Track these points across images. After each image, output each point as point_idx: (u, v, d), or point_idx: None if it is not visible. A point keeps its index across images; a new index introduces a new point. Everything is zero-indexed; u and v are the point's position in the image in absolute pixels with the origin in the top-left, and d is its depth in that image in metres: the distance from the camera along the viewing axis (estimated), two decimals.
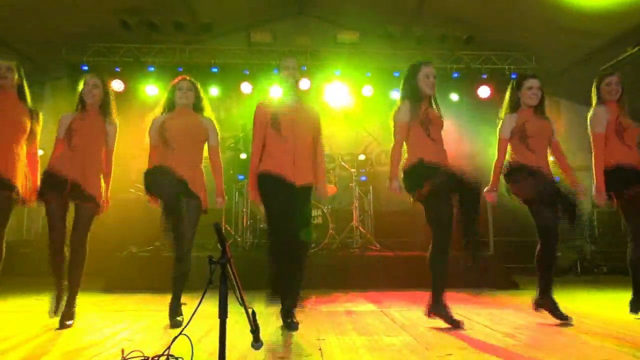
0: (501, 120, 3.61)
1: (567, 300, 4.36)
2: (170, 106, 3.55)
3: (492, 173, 3.55)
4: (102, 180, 3.46)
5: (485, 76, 7.78)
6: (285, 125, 3.35)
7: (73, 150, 3.36)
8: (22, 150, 3.33)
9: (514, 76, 7.64)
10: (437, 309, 3.29)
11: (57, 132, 3.47)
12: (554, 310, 3.36)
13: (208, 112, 3.61)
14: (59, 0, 6.29)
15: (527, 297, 3.63)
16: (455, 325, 3.15)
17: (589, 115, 3.65)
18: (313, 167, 3.48)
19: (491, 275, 5.56)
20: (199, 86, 3.61)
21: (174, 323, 3.22)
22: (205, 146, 3.58)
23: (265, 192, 3.33)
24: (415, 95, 3.44)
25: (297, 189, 3.31)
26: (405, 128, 3.40)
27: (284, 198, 3.26)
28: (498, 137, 3.57)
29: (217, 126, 3.58)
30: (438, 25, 7.37)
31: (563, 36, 6.92)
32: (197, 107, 3.57)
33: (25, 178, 3.31)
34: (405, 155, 3.43)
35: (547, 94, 3.70)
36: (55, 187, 3.27)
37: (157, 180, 3.26)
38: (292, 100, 3.50)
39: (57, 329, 3.08)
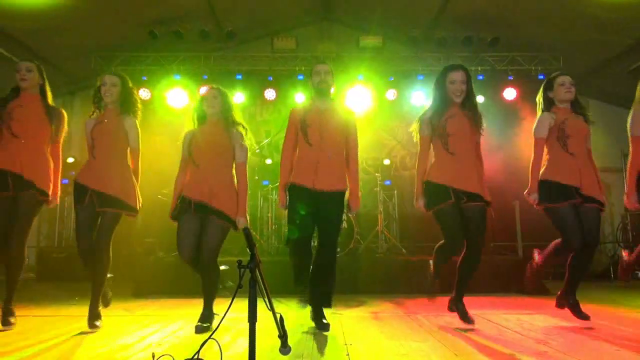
0: (538, 119, 3.49)
1: (601, 305, 4.25)
2: (201, 118, 3.47)
3: (530, 175, 3.44)
4: (133, 182, 3.44)
5: (511, 78, 7.66)
6: (312, 130, 3.36)
7: (95, 157, 3.37)
8: (45, 150, 3.42)
9: (541, 77, 7.53)
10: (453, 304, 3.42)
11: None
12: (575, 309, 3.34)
13: (238, 118, 3.48)
14: (89, 12, 6.46)
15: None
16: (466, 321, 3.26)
17: (629, 116, 3.40)
18: (346, 174, 3.45)
19: (520, 280, 5.45)
20: (226, 93, 3.49)
21: (199, 328, 3.18)
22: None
23: (290, 202, 3.38)
24: (440, 104, 3.36)
25: (319, 195, 3.29)
26: (427, 141, 3.39)
27: (305, 209, 3.29)
28: (534, 137, 3.43)
29: (246, 141, 3.44)
30: (462, 27, 7.30)
31: (591, 35, 6.77)
32: (226, 116, 3.43)
33: (49, 178, 3.40)
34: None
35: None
36: (80, 198, 3.31)
37: (179, 226, 3.29)
38: (322, 105, 3.46)
39: (89, 330, 3.18)
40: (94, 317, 3.28)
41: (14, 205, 3.30)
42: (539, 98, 3.60)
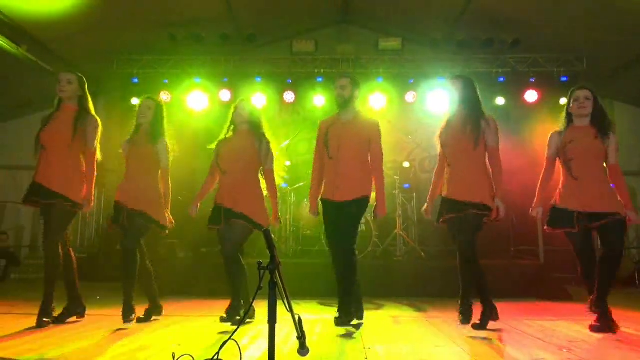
0: (548, 139, 3.54)
1: (627, 311, 4.16)
2: (231, 129, 3.77)
3: (537, 191, 3.51)
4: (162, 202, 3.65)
5: (532, 80, 7.54)
6: (332, 143, 3.55)
7: (128, 179, 3.62)
8: (77, 160, 3.53)
9: (563, 79, 7.40)
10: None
11: None
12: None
13: (264, 133, 3.75)
14: (111, 16, 6.58)
15: (581, 309, 3.47)
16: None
17: None
18: (367, 182, 3.59)
19: (541, 286, 5.36)
20: (255, 107, 3.85)
21: (222, 319, 3.38)
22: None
23: (322, 214, 3.67)
24: (450, 116, 3.54)
25: (339, 205, 3.50)
26: (441, 154, 3.59)
27: (329, 218, 3.57)
28: (545, 157, 3.54)
29: (272, 148, 3.72)
30: (483, 28, 7.22)
31: (616, 35, 6.63)
32: (253, 126, 3.72)
33: (77, 186, 3.49)
34: None
35: (600, 96, 3.52)
36: (118, 219, 3.57)
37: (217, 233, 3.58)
38: (345, 117, 3.63)
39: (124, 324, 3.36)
40: (129, 313, 3.44)
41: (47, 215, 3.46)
42: (563, 113, 3.58)
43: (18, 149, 7.38)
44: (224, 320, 3.36)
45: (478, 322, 3.34)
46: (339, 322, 3.41)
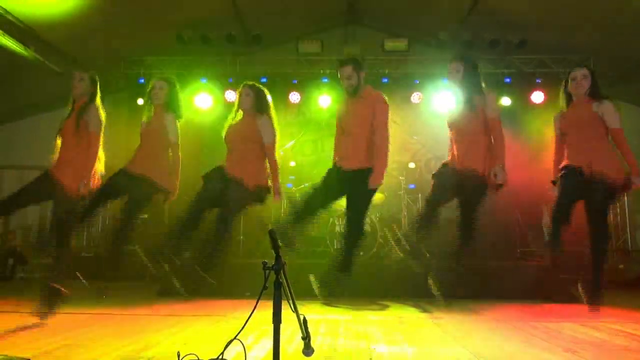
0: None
1: (635, 313, 4.13)
2: (237, 112, 3.98)
3: (553, 168, 3.77)
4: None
5: (539, 81, 7.51)
6: (343, 120, 3.91)
7: (136, 152, 3.78)
8: (80, 148, 3.60)
9: None
10: None
11: None
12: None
13: (271, 111, 3.94)
14: (120, 17, 6.62)
15: (587, 310, 3.45)
16: None
17: None
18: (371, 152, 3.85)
19: (547, 287, 5.32)
20: (259, 88, 3.95)
21: None
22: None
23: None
24: (457, 99, 3.87)
25: (343, 173, 3.79)
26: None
27: (327, 183, 3.86)
28: None
29: (274, 125, 3.90)
30: (489, 29, 7.20)
31: (624, 36, 6.59)
32: (258, 107, 3.89)
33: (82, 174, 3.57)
34: None
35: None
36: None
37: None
38: (351, 99, 3.93)
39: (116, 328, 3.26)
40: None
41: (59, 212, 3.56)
42: (560, 94, 3.72)
43: (26, 149, 7.44)
44: None
45: None
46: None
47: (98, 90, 3.76)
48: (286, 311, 1.95)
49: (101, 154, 3.67)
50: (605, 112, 3.51)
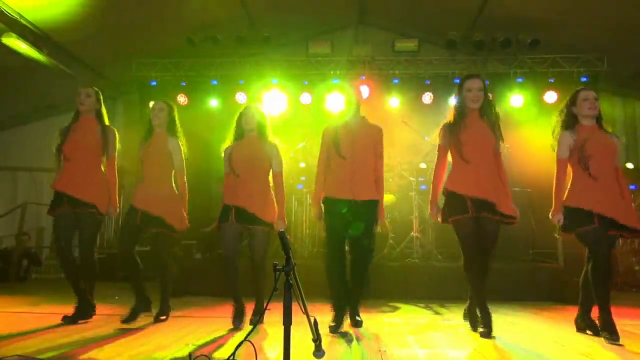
0: (557, 139, 3.40)
1: None
2: (239, 135, 3.73)
3: (553, 197, 3.34)
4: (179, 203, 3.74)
5: (552, 80, 7.43)
6: (344, 146, 3.50)
7: (144, 182, 3.72)
8: (100, 169, 3.72)
9: (584, 79, 7.28)
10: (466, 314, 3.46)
11: None
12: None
13: (271, 137, 3.75)
14: (131, 20, 6.67)
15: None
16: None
17: None
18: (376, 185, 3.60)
19: (561, 289, 5.26)
20: (262, 112, 3.76)
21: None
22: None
23: (326, 213, 3.56)
24: (459, 112, 3.40)
25: (357, 204, 3.45)
26: (443, 151, 3.45)
27: (341, 216, 3.46)
28: (556, 159, 3.36)
29: (280, 153, 3.72)
30: (500, 29, 7.13)
31: (637, 36, 6.49)
32: (261, 132, 3.71)
33: (103, 193, 3.68)
34: None
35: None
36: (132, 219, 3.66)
37: (222, 230, 3.58)
38: (353, 122, 3.62)
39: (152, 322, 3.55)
40: (162, 313, 3.72)
41: (76, 222, 3.63)
42: (561, 113, 3.49)
43: (39, 151, 7.50)
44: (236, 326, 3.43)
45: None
46: (361, 323, 3.53)
47: (103, 107, 3.83)
48: (297, 313, 1.95)
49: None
50: (618, 147, 3.31)
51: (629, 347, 2.95)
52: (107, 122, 3.81)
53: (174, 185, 3.77)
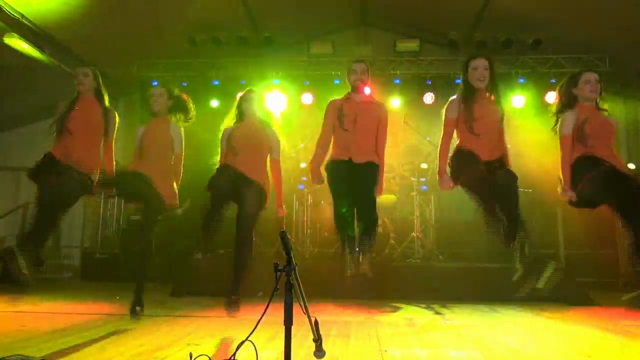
0: (561, 118, 3.46)
1: None
2: (239, 116, 3.78)
3: (561, 173, 3.40)
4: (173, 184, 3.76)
5: (553, 81, 7.42)
6: (347, 117, 3.82)
7: (142, 160, 3.73)
8: (99, 149, 3.80)
9: None
10: None
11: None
12: None
13: (274, 123, 3.80)
14: (133, 20, 6.68)
15: (603, 314, 3.39)
16: None
17: None
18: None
19: (562, 289, 5.24)
20: (263, 98, 3.85)
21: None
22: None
23: (331, 177, 3.84)
24: (466, 91, 3.53)
25: (356, 165, 3.74)
26: (451, 124, 3.55)
27: (345, 178, 3.77)
28: (560, 135, 3.41)
29: (280, 139, 3.79)
30: (502, 29, 7.13)
31: (639, 36, 6.48)
32: (262, 117, 3.78)
33: (98, 167, 3.75)
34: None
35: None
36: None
37: (216, 175, 3.54)
38: (357, 98, 3.91)
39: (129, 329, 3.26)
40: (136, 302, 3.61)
41: (64, 188, 3.60)
42: (559, 94, 3.53)
43: (41, 152, 7.51)
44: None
45: None
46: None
47: (102, 86, 3.87)
48: (297, 313, 1.95)
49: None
50: (616, 127, 3.43)
51: (630, 347, 2.94)
52: (107, 102, 3.85)
53: (170, 170, 3.80)
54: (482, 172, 3.28)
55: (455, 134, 3.56)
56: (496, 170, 3.32)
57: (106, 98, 3.85)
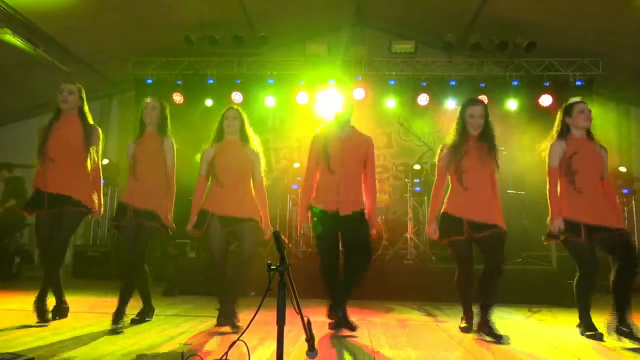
0: (549, 148, 3.49)
1: None
2: (219, 136, 3.67)
3: (549, 204, 3.43)
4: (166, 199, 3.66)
5: (547, 84, 7.47)
6: (333, 158, 3.49)
7: (137, 179, 3.61)
8: (86, 169, 3.61)
9: (579, 83, 7.33)
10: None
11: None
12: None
13: (253, 142, 3.68)
14: (128, 18, 6.66)
15: (593, 316, 3.41)
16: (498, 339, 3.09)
17: None
18: (364, 195, 3.58)
19: (553, 292, 5.29)
20: (244, 115, 3.69)
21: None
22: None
23: (315, 223, 3.54)
24: (459, 137, 3.45)
25: (342, 218, 3.43)
26: (443, 173, 3.51)
27: (330, 229, 3.47)
28: (547, 167, 3.46)
29: (262, 159, 3.67)
30: (497, 32, 7.16)
31: (634, 39, 6.54)
32: (243, 136, 3.65)
33: (87, 192, 3.60)
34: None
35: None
36: (119, 218, 3.59)
37: (208, 233, 3.52)
38: (343, 133, 3.58)
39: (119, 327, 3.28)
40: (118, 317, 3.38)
41: (58, 220, 3.52)
42: (557, 123, 3.57)
43: (34, 149, 7.48)
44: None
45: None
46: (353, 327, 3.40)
47: (86, 104, 3.73)
48: (290, 312, 1.95)
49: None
50: (607, 160, 3.44)
51: (620, 349, 2.97)
52: (90, 120, 3.70)
53: (164, 185, 3.69)
54: (462, 246, 3.40)
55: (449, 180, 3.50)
56: (482, 233, 3.26)
57: (89, 117, 3.71)
